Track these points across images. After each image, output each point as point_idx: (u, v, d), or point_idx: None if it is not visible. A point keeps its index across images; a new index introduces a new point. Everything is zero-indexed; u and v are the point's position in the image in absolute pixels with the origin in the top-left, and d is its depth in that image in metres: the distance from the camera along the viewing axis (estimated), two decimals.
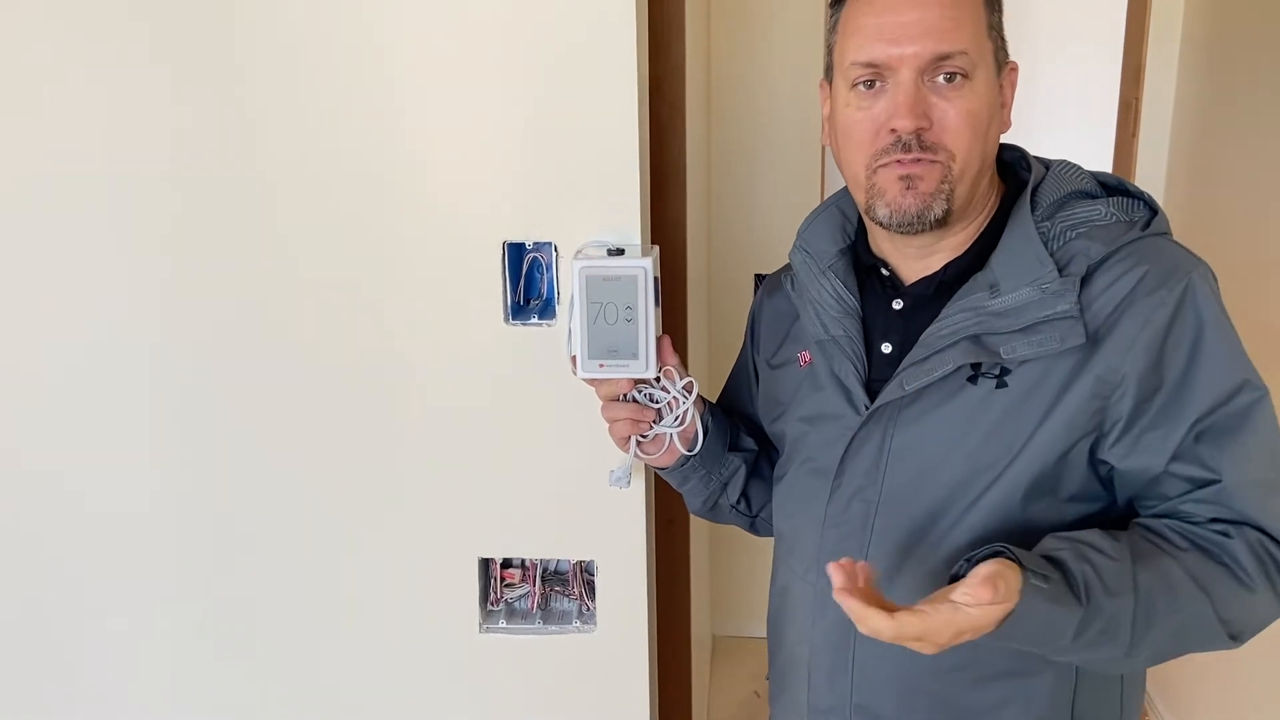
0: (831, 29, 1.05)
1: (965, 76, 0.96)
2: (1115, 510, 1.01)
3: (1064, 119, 3.48)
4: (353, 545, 1.33)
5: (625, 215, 1.19)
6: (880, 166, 0.98)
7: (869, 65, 0.97)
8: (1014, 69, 1.03)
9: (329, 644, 1.36)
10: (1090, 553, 0.91)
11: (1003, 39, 1.02)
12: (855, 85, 0.99)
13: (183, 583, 1.36)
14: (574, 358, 1.13)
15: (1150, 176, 2.68)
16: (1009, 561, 0.87)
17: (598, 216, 1.19)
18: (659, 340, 1.13)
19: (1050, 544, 0.93)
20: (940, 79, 0.96)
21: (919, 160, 0.96)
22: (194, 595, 1.36)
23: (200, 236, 1.25)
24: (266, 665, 1.38)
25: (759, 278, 2.65)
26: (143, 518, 1.34)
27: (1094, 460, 0.98)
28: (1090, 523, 0.99)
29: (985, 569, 0.84)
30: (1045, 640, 0.90)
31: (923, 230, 0.99)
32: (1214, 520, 0.95)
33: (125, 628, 1.38)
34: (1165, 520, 0.97)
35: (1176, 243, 1.01)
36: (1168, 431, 0.95)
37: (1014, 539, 0.96)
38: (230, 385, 1.29)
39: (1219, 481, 0.94)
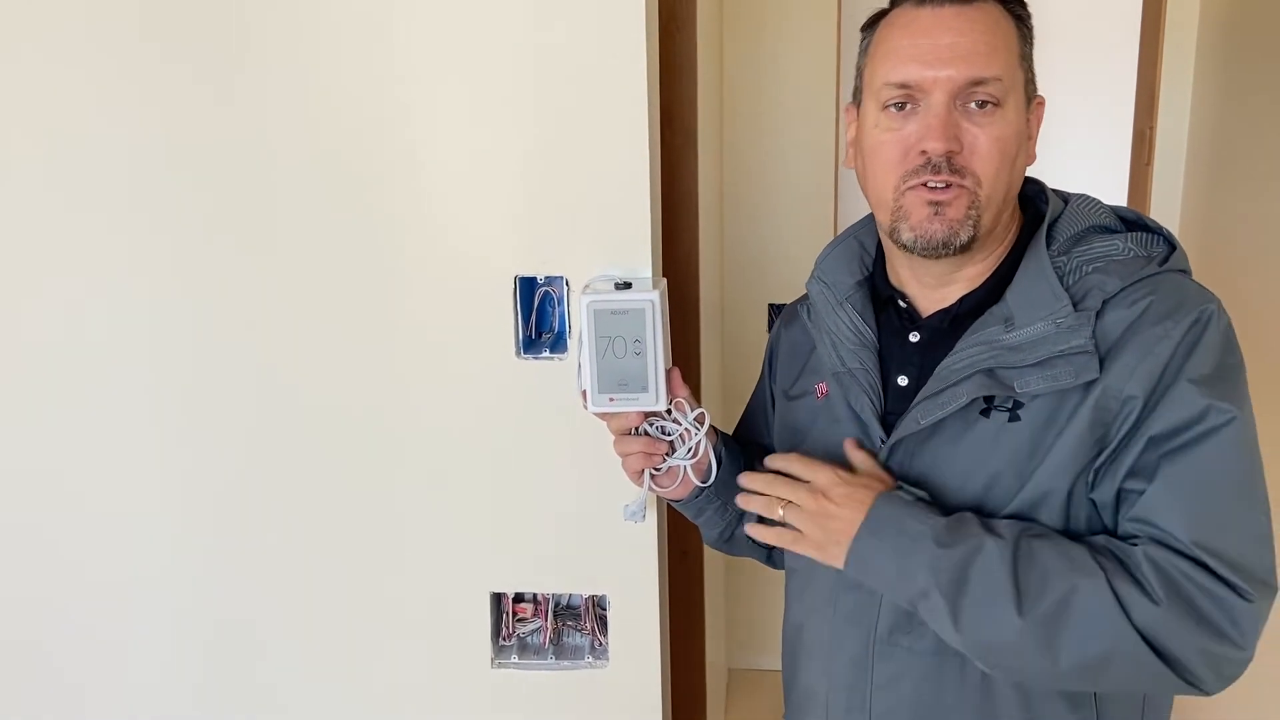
0: (863, 52, 1.05)
1: (997, 104, 0.96)
2: None
3: (1078, 148, 3.48)
4: (364, 580, 1.32)
5: (636, 247, 1.19)
6: (908, 189, 0.98)
7: (902, 86, 0.97)
8: (1041, 103, 1.03)
9: (339, 678, 1.35)
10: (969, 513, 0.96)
11: (1032, 71, 1.02)
12: (887, 106, 0.99)
13: (189, 615, 1.35)
14: (584, 392, 1.12)
15: (1165, 206, 2.66)
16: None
17: (609, 249, 1.19)
18: (669, 372, 1.12)
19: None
20: (972, 105, 0.96)
21: (949, 186, 0.96)
22: (199, 629, 1.36)
23: (209, 272, 1.25)
24: (275, 699, 1.37)
25: (773, 307, 2.64)
26: (150, 554, 1.34)
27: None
28: None
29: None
30: (901, 552, 0.93)
31: (946, 255, 0.99)
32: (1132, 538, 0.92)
33: (130, 656, 1.38)
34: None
35: (1192, 280, 0.99)
36: (1129, 449, 0.92)
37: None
38: (239, 422, 1.29)
39: (1143, 492, 0.91)
